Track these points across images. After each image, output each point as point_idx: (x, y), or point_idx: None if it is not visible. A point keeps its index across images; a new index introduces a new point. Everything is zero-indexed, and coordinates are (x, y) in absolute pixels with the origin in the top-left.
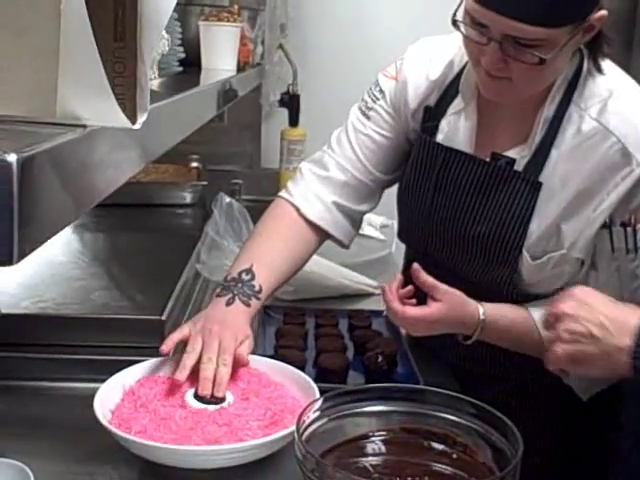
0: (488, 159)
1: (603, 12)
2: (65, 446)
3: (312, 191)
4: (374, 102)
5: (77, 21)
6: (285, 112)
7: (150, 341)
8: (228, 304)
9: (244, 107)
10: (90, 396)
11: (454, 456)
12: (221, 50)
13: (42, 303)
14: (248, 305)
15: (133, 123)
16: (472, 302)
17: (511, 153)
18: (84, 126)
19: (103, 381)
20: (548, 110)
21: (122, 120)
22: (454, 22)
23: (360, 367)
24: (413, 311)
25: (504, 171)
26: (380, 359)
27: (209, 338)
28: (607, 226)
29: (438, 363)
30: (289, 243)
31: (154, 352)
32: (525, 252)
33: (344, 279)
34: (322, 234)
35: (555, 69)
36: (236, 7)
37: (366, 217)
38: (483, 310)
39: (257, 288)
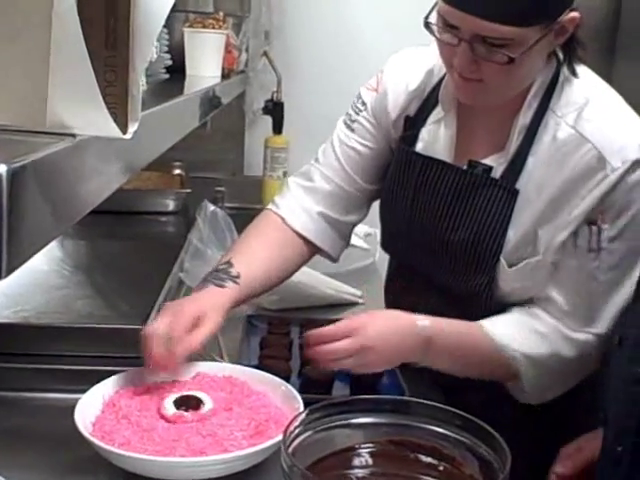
0: (465, 167)
1: (574, 14)
2: (46, 458)
3: (298, 202)
4: (357, 114)
5: (68, 29)
6: (269, 120)
7: (133, 351)
8: (198, 290)
9: (228, 114)
10: (72, 407)
11: (441, 468)
12: (206, 57)
13: (24, 312)
14: (222, 287)
15: (124, 133)
16: (406, 315)
17: (488, 161)
18: (73, 135)
19: (86, 392)
20: (525, 117)
21: (113, 129)
22: (427, 25)
23: (345, 378)
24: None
25: (481, 179)
26: None
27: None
28: None
29: (423, 373)
30: (272, 247)
31: (138, 362)
32: (502, 259)
33: (328, 288)
34: (309, 246)
35: (527, 71)
36: (221, 14)
37: None
38: (423, 324)
39: (234, 273)
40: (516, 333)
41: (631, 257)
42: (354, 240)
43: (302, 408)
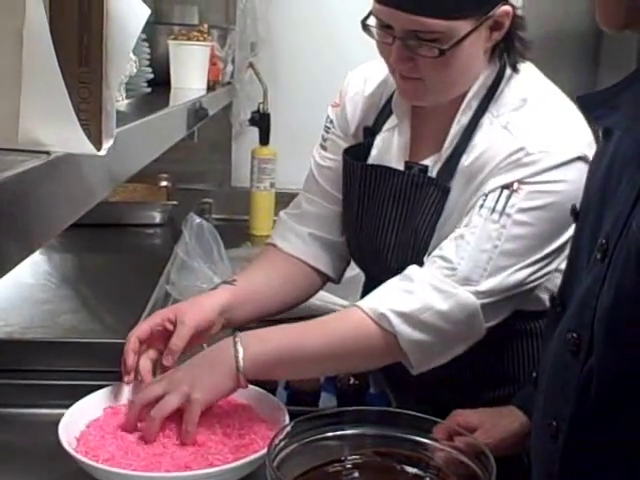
0: (402, 168)
1: (507, 7)
2: (30, 474)
3: (288, 229)
4: (327, 133)
5: (40, 45)
6: (255, 131)
7: (119, 365)
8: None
9: (214, 126)
10: (56, 422)
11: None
12: (191, 69)
13: (8, 327)
14: (214, 288)
15: (98, 149)
16: None
17: (426, 161)
18: (48, 153)
19: (70, 407)
20: (464, 117)
21: (87, 146)
22: (364, 27)
23: (332, 389)
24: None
25: (418, 178)
26: (352, 380)
27: None
28: None
29: (410, 383)
30: (269, 264)
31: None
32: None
33: (315, 299)
34: (309, 271)
35: (463, 66)
36: (206, 26)
37: None
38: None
39: (230, 280)
40: (384, 295)
41: (536, 243)
42: None
43: (288, 420)
